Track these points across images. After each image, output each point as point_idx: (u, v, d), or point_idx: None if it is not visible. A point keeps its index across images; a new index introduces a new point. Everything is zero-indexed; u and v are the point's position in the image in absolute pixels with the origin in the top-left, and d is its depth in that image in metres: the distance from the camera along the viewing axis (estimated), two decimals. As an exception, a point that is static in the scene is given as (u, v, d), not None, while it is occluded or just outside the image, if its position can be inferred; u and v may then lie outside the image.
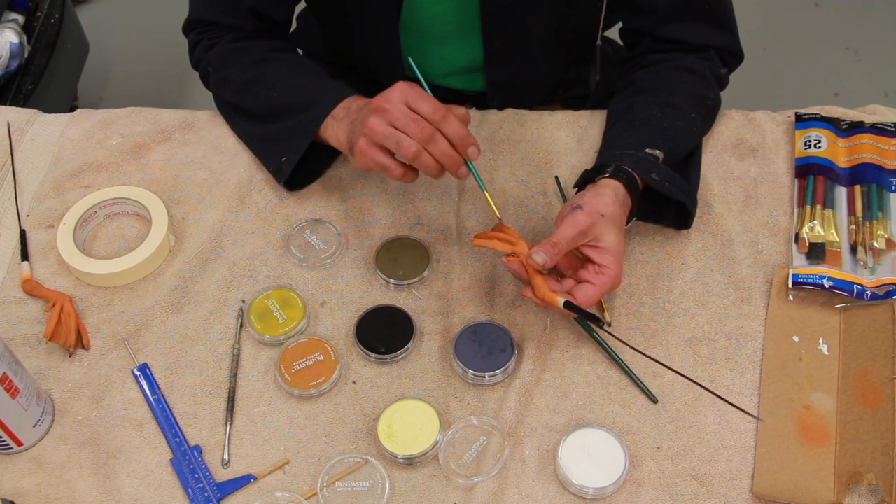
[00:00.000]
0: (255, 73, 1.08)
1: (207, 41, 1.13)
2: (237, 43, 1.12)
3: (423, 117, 0.89)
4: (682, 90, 1.06)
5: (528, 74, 1.21)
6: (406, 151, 0.89)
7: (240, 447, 0.90)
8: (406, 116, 0.89)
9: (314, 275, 1.02)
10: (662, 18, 1.08)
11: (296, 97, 1.05)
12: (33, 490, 0.87)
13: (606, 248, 0.90)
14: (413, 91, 0.90)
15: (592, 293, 0.89)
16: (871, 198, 1.03)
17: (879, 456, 0.83)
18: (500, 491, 0.86)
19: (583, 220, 0.89)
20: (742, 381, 0.92)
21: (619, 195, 0.92)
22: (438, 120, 0.89)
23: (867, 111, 1.15)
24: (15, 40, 1.85)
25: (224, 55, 1.11)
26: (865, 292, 0.94)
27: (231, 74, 1.10)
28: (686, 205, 0.99)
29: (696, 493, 0.85)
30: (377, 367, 0.95)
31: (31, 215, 1.08)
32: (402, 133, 0.89)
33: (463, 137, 0.90)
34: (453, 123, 0.89)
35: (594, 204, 0.91)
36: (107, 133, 1.16)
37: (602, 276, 0.89)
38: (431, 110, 0.89)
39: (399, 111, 0.89)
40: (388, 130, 0.89)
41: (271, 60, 1.10)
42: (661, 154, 0.98)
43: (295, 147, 1.03)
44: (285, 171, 1.05)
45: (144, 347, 0.97)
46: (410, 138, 0.89)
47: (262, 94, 1.07)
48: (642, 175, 0.95)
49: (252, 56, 1.10)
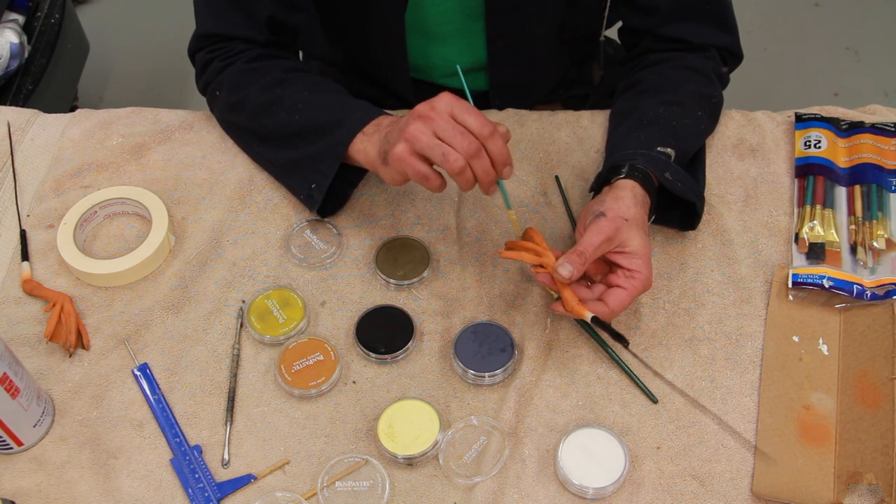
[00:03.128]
0: (274, 94, 1.04)
1: (220, 62, 1.08)
2: (252, 63, 1.07)
3: (470, 131, 0.86)
4: (686, 89, 1.06)
5: (530, 74, 1.21)
6: (452, 165, 0.86)
7: (240, 447, 0.90)
8: (453, 128, 0.85)
9: (314, 275, 1.02)
10: (664, 17, 1.08)
11: (320, 118, 1.01)
12: (33, 490, 0.87)
13: (634, 251, 0.89)
14: (460, 103, 0.87)
15: (624, 297, 0.88)
16: (871, 198, 1.03)
17: (879, 456, 0.83)
18: (500, 491, 0.86)
19: (607, 227, 0.88)
20: (742, 381, 0.92)
21: (637, 196, 0.92)
22: (486, 136, 0.86)
23: (867, 111, 1.15)
24: (15, 40, 1.85)
25: (239, 77, 1.07)
26: (865, 292, 0.94)
27: (247, 97, 1.05)
28: (695, 205, 0.98)
29: (696, 493, 0.85)
30: (377, 367, 0.95)
31: (31, 215, 1.08)
32: (447, 145, 0.86)
33: (505, 156, 0.87)
34: (498, 141, 0.86)
35: (616, 209, 0.90)
36: (107, 133, 1.16)
37: (633, 279, 0.88)
38: (480, 125, 0.86)
39: (445, 121, 0.86)
40: (434, 141, 0.86)
41: (290, 81, 1.05)
42: (672, 152, 0.97)
43: (325, 171, 1.00)
44: (317, 197, 1.01)
45: (144, 347, 0.97)
46: (457, 152, 0.86)
47: (283, 116, 1.03)
48: (656, 174, 0.94)
49: (269, 78, 1.06)
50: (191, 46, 1.12)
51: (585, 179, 1.09)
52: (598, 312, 0.87)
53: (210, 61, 1.09)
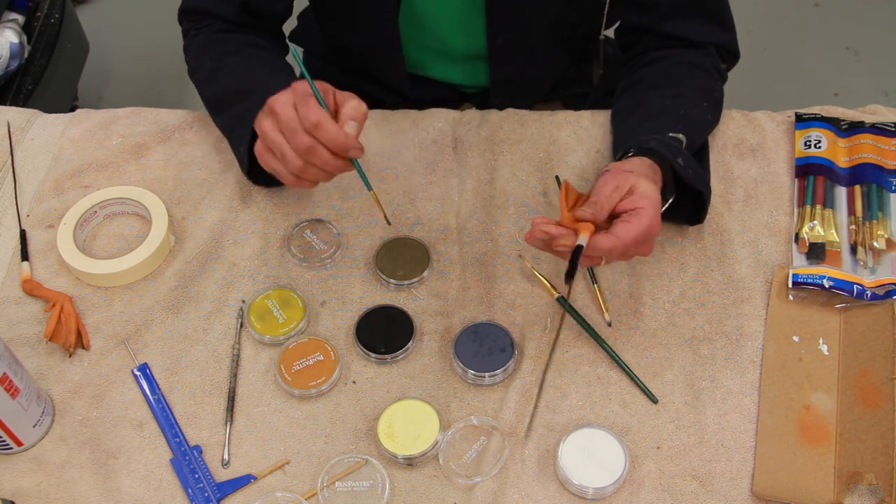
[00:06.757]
0: (223, 62, 1.08)
1: (195, 30, 1.13)
2: (219, 34, 1.11)
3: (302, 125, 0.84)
4: (689, 83, 1.06)
5: (530, 72, 1.21)
6: (290, 166, 0.85)
7: (240, 447, 0.90)
8: (289, 123, 0.84)
9: (314, 275, 1.02)
10: (663, 15, 1.08)
11: (240, 85, 1.02)
12: (33, 490, 0.87)
13: (640, 193, 0.86)
14: (301, 93, 0.84)
15: (630, 229, 0.84)
16: (871, 198, 1.03)
17: (879, 456, 0.83)
18: (500, 491, 0.86)
19: (612, 176, 0.86)
20: (742, 381, 0.92)
21: (644, 162, 0.90)
22: (310, 129, 0.83)
23: (867, 111, 1.15)
24: (15, 40, 1.85)
25: (203, 44, 1.11)
26: (865, 292, 0.94)
27: (203, 62, 1.10)
28: (702, 197, 0.98)
29: (696, 493, 0.85)
30: (377, 367, 0.95)
31: (31, 215, 1.08)
32: (287, 145, 0.85)
33: (339, 143, 0.84)
34: (328, 132, 0.83)
35: (618, 166, 0.89)
36: (107, 133, 1.16)
37: (638, 215, 0.85)
38: (303, 118, 0.83)
39: (286, 115, 0.84)
40: (277, 138, 0.85)
41: (242, 52, 1.09)
42: (683, 138, 0.96)
43: (244, 135, 0.99)
44: (244, 160, 1.02)
45: (144, 347, 0.97)
46: (294, 152, 0.85)
47: (222, 82, 1.06)
48: (669, 158, 0.92)
49: (226, 47, 1.09)
50: (178, 17, 1.17)
51: (586, 179, 1.09)
52: (605, 242, 0.84)
53: (187, 31, 1.15)
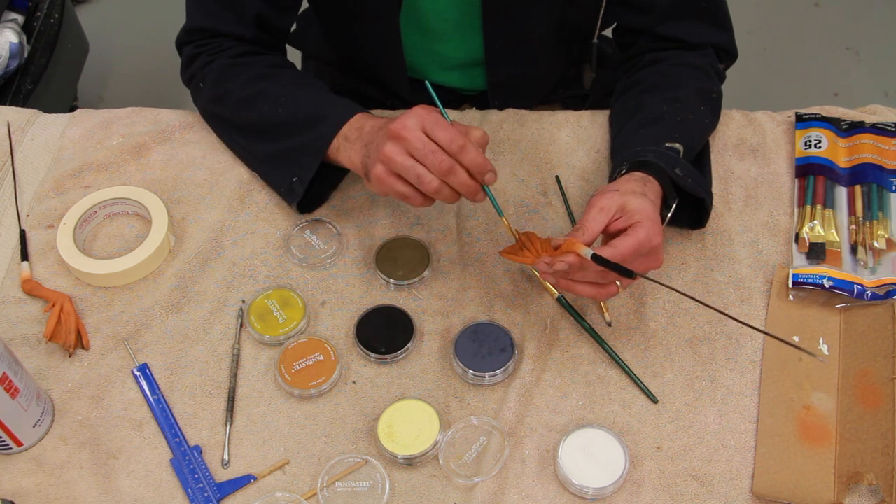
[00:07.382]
0: (257, 88, 1.05)
1: (207, 56, 1.09)
2: (237, 59, 1.08)
3: (441, 147, 0.85)
4: (688, 85, 1.06)
5: (528, 74, 1.21)
6: (427, 187, 0.86)
7: (240, 447, 0.90)
8: (425, 146, 0.85)
9: (314, 275, 1.02)
10: (661, 16, 1.08)
11: (302, 112, 1.01)
12: (33, 490, 0.87)
13: (633, 210, 0.86)
14: (430, 117, 0.86)
15: (629, 241, 0.84)
16: (872, 198, 1.03)
17: (879, 456, 0.83)
18: (500, 491, 0.86)
19: (596, 199, 0.87)
20: (742, 381, 0.92)
21: (633, 178, 0.90)
22: (456, 150, 0.85)
23: (867, 111, 1.15)
24: (15, 40, 1.85)
25: (222, 71, 1.07)
26: (865, 292, 0.94)
27: (231, 90, 1.06)
28: (703, 202, 0.98)
29: (696, 493, 0.85)
30: (377, 367, 0.95)
31: (31, 215, 1.08)
32: (421, 166, 0.86)
33: (480, 166, 0.86)
34: (471, 153, 0.85)
35: (605, 187, 0.90)
36: (107, 133, 1.16)
37: (635, 228, 0.85)
38: (449, 140, 0.85)
39: (417, 139, 0.85)
40: (408, 162, 0.86)
41: (274, 76, 1.06)
42: (680, 147, 0.97)
43: (307, 165, 1.00)
44: (298, 191, 1.01)
45: (144, 347, 0.97)
46: (430, 172, 0.86)
47: (266, 109, 1.03)
48: (667, 170, 0.93)
49: (253, 72, 1.07)
50: (179, 39, 1.13)
51: (586, 179, 1.09)
52: (603, 253, 0.84)
53: (197, 56, 1.10)
